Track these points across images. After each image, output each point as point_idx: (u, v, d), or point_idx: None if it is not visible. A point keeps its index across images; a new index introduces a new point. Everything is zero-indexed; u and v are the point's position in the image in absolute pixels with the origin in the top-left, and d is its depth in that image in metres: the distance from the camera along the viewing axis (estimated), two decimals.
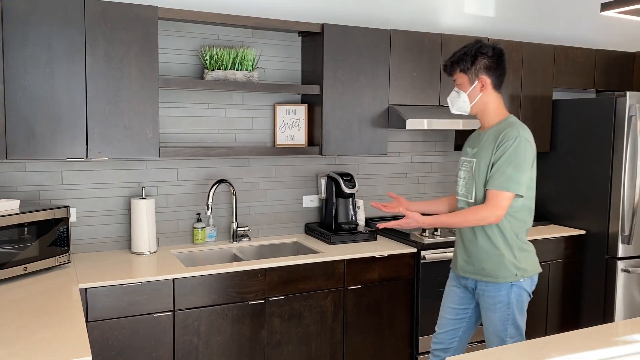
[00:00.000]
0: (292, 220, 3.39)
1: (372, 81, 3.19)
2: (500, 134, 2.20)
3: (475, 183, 2.25)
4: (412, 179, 3.78)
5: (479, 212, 2.18)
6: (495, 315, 2.26)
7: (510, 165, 2.14)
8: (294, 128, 3.23)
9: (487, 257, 2.25)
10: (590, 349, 1.65)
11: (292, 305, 2.79)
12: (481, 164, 2.24)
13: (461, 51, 2.31)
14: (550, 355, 1.60)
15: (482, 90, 2.28)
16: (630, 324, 1.89)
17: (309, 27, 3.06)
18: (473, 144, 2.37)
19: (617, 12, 2.20)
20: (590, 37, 4.30)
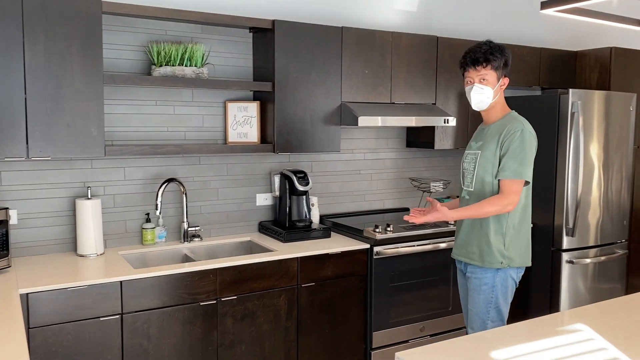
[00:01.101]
0: (245, 219, 3.35)
1: (324, 78, 3.18)
2: (505, 128, 2.38)
3: (477, 172, 2.43)
4: (366, 176, 3.80)
5: (497, 201, 2.33)
6: (479, 297, 2.41)
7: (519, 156, 2.32)
8: (246, 125, 3.19)
9: (477, 243, 2.42)
10: (535, 339, 1.69)
11: (245, 305, 2.75)
12: (485, 155, 2.40)
13: (488, 48, 2.41)
14: (497, 347, 1.64)
15: (501, 88, 2.45)
16: (573, 314, 1.96)
17: (260, 23, 3.03)
18: (477, 139, 2.53)
19: (556, 10, 2.27)
20: (536, 36, 4.43)
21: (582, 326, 1.80)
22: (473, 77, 2.44)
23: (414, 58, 3.50)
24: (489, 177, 2.40)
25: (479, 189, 2.42)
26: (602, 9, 4.53)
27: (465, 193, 2.50)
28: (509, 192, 2.32)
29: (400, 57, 3.44)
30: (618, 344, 1.66)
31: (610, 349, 1.62)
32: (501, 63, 2.42)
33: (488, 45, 2.43)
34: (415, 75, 3.51)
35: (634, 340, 1.71)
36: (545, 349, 1.62)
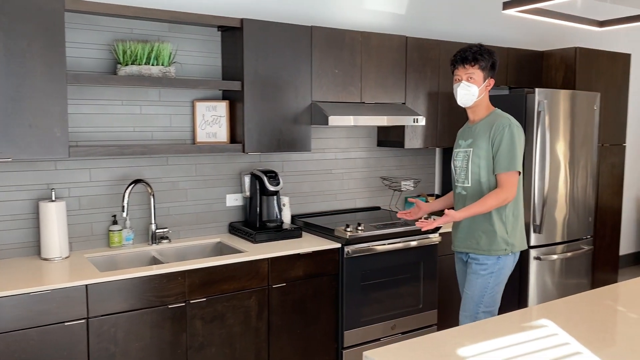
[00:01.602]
0: (215, 220, 3.31)
1: (294, 77, 3.17)
2: (492, 126, 2.56)
3: (471, 169, 2.59)
4: (337, 175, 3.80)
5: (498, 195, 2.50)
6: (478, 280, 2.60)
7: (509, 149, 2.50)
8: (215, 125, 3.15)
9: (483, 233, 2.58)
10: (501, 335, 1.71)
11: (214, 307, 2.72)
12: (478, 152, 2.57)
13: (477, 49, 2.60)
14: (464, 344, 1.65)
15: (487, 88, 2.63)
16: (538, 310, 1.99)
17: (228, 22, 3.00)
18: (465, 137, 2.70)
19: (517, 11, 2.30)
20: (503, 36, 4.50)
21: (547, 322, 1.83)
22: (461, 75, 2.61)
23: (384, 58, 3.51)
24: (483, 173, 2.57)
25: (475, 184, 2.59)
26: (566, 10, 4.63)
27: (462, 189, 2.66)
28: (507, 184, 2.50)
29: (370, 57, 3.45)
30: (581, 338, 1.69)
31: (573, 343, 1.65)
32: (488, 64, 2.59)
33: (478, 47, 2.61)
34: (385, 75, 3.52)
35: (596, 333, 1.75)
36: (510, 344, 1.64)
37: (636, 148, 5.70)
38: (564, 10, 4.60)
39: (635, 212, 5.88)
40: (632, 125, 5.49)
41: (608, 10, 5.13)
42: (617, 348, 1.64)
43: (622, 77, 4.52)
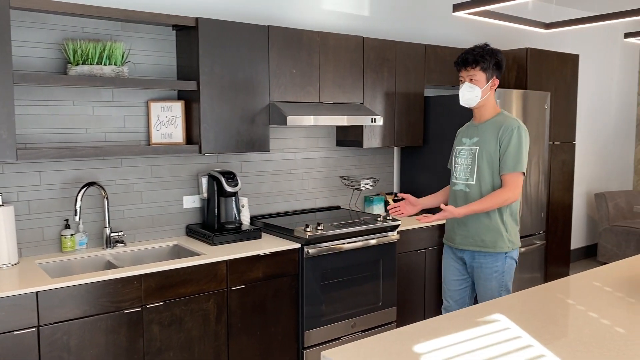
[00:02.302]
0: (172, 222, 3.26)
1: (251, 77, 3.15)
2: (501, 127, 2.61)
3: (478, 167, 2.64)
4: (297, 175, 3.80)
5: (502, 195, 2.56)
6: (492, 283, 2.66)
7: (517, 151, 2.56)
8: (171, 126, 3.10)
9: (487, 231, 2.64)
10: (456, 331, 1.74)
11: (172, 311, 2.68)
12: (485, 151, 2.62)
13: (480, 50, 2.63)
14: (420, 341, 1.67)
15: (492, 89, 2.65)
16: (492, 305, 2.03)
17: (183, 21, 2.95)
18: (470, 135, 2.74)
19: (467, 13, 2.35)
20: (458, 37, 4.59)
21: (500, 316, 1.87)
22: (464, 76, 2.68)
23: (342, 58, 3.53)
24: (489, 171, 2.63)
25: (481, 182, 2.64)
26: (518, 12, 4.76)
27: (464, 186, 2.70)
28: (512, 185, 2.57)
29: (328, 57, 3.46)
30: (531, 331, 1.74)
31: (524, 336, 1.70)
32: (490, 65, 2.62)
33: (481, 48, 2.64)
34: (342, 75, 3.54)
35: (546, 326, 1.80)
36: (464, 340, 1.68)
37: (585, 145, 5.92)
38: (515, 13, 4.73)
39: (585, 208, 6.10)
40: (581, 123, 5.70)
41: (559, 13, 5.30)
42: (566, 340, 1.69)
43: (571, 77, 4.67)
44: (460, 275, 2.81)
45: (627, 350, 1.59)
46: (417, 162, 4.20)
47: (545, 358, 1.55)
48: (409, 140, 4.01)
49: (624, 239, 5.51)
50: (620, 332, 1.72)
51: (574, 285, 2.30)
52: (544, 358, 1.55)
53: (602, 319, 1.84)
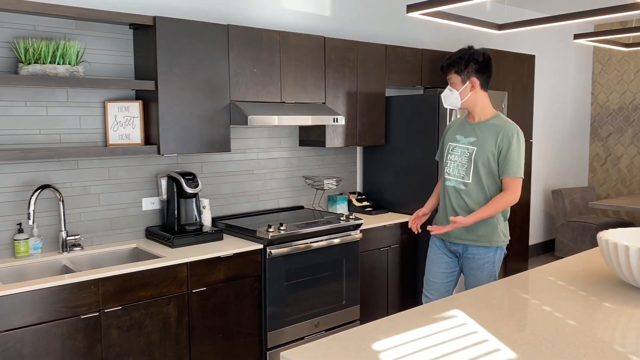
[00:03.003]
0: (130, 225, 3.19)
1: (211, 77, 3.11)
2: (500, 131, 2.67)
3: (474, 167, 2.70)
4: (259, 176, 3.78)
5: (506, 199, 2.67)
6: (483, 273, 2.76)
7: (518, 157, 2.65)
8: (128, 126, 3.04)
9: (485, 225, 2.72)
10: (415, 327, 1.77)
11: (131, 315, 2.63)
12: (482, 152, 2.68)
13: (456, 55, 2.72)
14: (379, 338, 1.69)
15: (472, 89, 2.71)
16: (450, 301, 2.06)
17: (140, 20, 2.90)
18: (465, 133, 2.78)
19: (420, 13, 2.38)
20: (418, 38, 4.65)
21: (458, 312, 1.91)
22: (447, 81, 2.79)
23: (303, 58, 3.52)
24: (485, 171, 2.69)
25: (477, 181, 2.71)
26: (477, 14, 4.85)
27: (460, 184, 2.76)
28: (514, 189, 2.66)
29: (289, 56, 3.45)
30: (488, 326, 1.77)
31: (481, 331, 1.73)
32: (463, 67, 2.69)
33: (459, 51, 2.74)
34: (304, 75, 3.54)
35: (502, 320, 1.84)
36: (422, 336, 1.70)
37: (542, 144, 6.08)
38: (473, 14, 4.82)
39: (542, 204, 6.27)
40: (538, 122, 5.85)
41: (517, 14, 5.43)
42: (520, 334, 1.73)
43: (527, 77, 4.79)
44: (449, 269, 2.86)
45: (578, 342, 1.64)
46: (380, 161, 4.24)
47: (500, 352, 1.58)
48: (371, 139, 4.04)
49: (579, 233, 5.68)
50: (571, 325, 1.78)
51: (529, 280, 2.36)
52: (498, 352, 1.58)
53: (555, 312, 1.90)
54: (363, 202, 4.19)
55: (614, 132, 6.54)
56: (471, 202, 2.73)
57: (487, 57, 2.74)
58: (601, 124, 6.64)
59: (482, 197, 2.72)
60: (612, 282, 2.22)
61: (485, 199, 2.71)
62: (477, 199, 2.72)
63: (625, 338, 1.71)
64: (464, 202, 2.74)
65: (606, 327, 1.80)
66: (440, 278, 2.87)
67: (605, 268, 2.42)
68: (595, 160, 6.74)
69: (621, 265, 2.07)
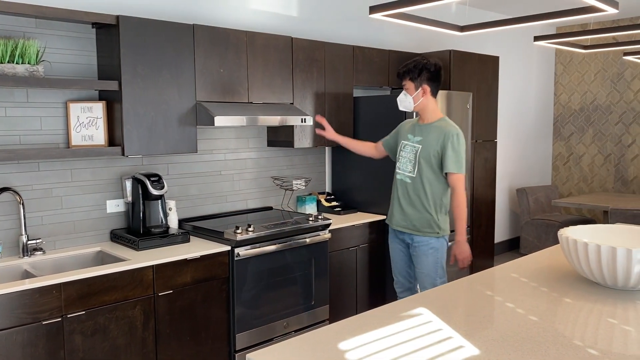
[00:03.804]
0: (95, 228, 3.13)
1: (177, 77, 3.08)
2: (443, 132, 2.97)
3: (418, 162, 3.02)
4: (227, 177, 3.75)
5: (456, 200, 2.99)
6: (428, 259, 3.06)
7: (458, 155, 2.95)
8: (92, 127, 2.98)
9: (419, 218, 3.05)
10: (381, 326, 1.78)
11: (95, 320, 2.57)
12: (427, 152, 2.99)
13: (411, 64, 3.02)
14: (345, 338, 1.69)
15: (424, 95, 3.02)
16: (416, 299, 2.09)
17: (103, 19, 2.84)
18: (415, 133, 3.09)
19: (383, 15, 2.40)
20: (385, 39, 4.69)
21: (423, 310, 1.93)
22: (402, 86, 3.09)
23: (270, 58, 3.51)
24: (427, 167, 3.00)
25: (419, 175, 3.03)
26: (443, 15, 4.92)
27: (407, 177, 3.09)
28: (459, 185, 2.98)
29: (256, 57, 3.44)
30: (452, 323, 1.80)
31: (445, 328, 1.76)
32: (416, 75, 3.01)
33: (412, 61, 3.03)
34: (272, 75, 3.53)
35: (466, 317, 1.87)
36: (388, 335, 1.71)
37: (506, 143, 6.21)
38: (440, 15, 4.88)
39: (507, 202, 6.40)
40: (502, 122, 5.97)
41: (481, 16, 5.53)
42: (484, 330, 1.77)
43: (492, 78, 4.88)
44: (404, 255, 3.20)
45: (539, 337, 1.68)
46: (349, 161, 4.26)
47: (463, 349, 1.61)
48: None
49: (543, 231, 5.82)
50: (533, 320, 1.82)
51: (493, 277, 2.41)
52: (462, 349, 1.61)
53: (518, 308, 1.94)
54: (332, 202, 4.20)
55: (575, 132, 6.73)
56: (413, 194, 3.06)
57: (438, 67, 3.03)
58: (563, 124, 6.82)
59: (422, 190, 3.03)
60: (572, 278, 2.28)
61: (424, 192, 3.03)
62: (418, 191, 3.04)
63: (584, 332, 1.76)
64: (407, 193, 3.09)
65: (567, 322, 1.85)
66: (399, 263, 3.23)
67: (566, 264, 2.48)
68: (558, 160, 6.91)
69: (581, 261, 2.12)
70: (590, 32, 3.37)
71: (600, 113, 6.50)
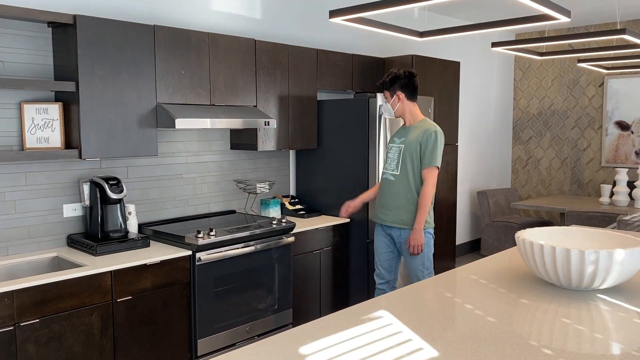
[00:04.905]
0: (51, 233, 3.04)
1: (136, 78, 3.02)
2: (422, 130, 3.23)
3: (402, 161, 3.26)
4: (189, 180, 3.70)
5: (424, 192, 3.20)
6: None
7: (433, 150, 3.18)
8: (47, 129, 2.89)
9: (405, 212, 3.26)
10: (342, 330, 1.78)
11: (50, 328, 2.49)
12: (409, 149, 3.24)
13: (386, 76, 3.32)
14: (306, 342, 1.69)
15: (400, 101, 3.29)
16: (376, 302, 2.10)
17: (59, 18, 2.76)
18: (399, 135, 3.35)
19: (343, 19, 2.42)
20: (350, 43, 4.71)
21: (384, 312, 1.94)
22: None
23: (233, 60, 3.49)
24: (410, 165, 3.24)
25: (403, 172, 3.26)
26: (406, 20, 4.98)
27: (391, 176, 3.31)
28: (429, 177, 3.21)
29: (219, 58, 3.41)
30: (412, 326, 1.81)
31: (405, 331, 1.77)
32: (388, 85, 3.30)
33: (388, 74, 3.32)
34: (235, 78, 3.50)
35: (425, 319, 1.89)
36: (349, 338, 1.72)
37: (467, 147, 6.32)
38: (403, 20, 4.94)
39: (468, 205, 6.52)
40: (463, 126, 6.09)
41: (445, 22, 5.62)
42: (443, 332, 1.79)
43: (453, 83, 4.97)
44: (388, 249, 3.39)
45: (496, 338, 1.71)
46: (313, 164, 4.26)
47: (423, 351, 1.62)
48: (304, 143, 4.05)
49: (503, 233, 5.95)
50: (491, 321, 1.85)
51: (452, 279, 2.44)
52: (421, 351, 1.62)
53: (476, 310, 1.97)
54: (296, 205, 4.19)
55: (534, 136, 6.91)
56: (396, 190, 3.28)
57: (407, 74, 3.28)
58: (522, 128, 7.00)
59: (405, 186, 3.25)
60: (529, 279, 2.34)
61: (408, 188, 3.25)
62: (401, 187, 3.26)
63: (540, 333, 1.80)
64: (392, 190, 3.30)
65: (523, 322, 1.89)
66: (383, 256, 3.41)
67: (524, 266, 2.54)
68: (517, 163, 7.08)
69: (537, 263, 2.18)
70: (545, 40, 3.47)
71: (558, 118, 6.69)
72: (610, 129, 6.30)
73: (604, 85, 6.30)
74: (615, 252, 2.01)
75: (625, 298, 2.10)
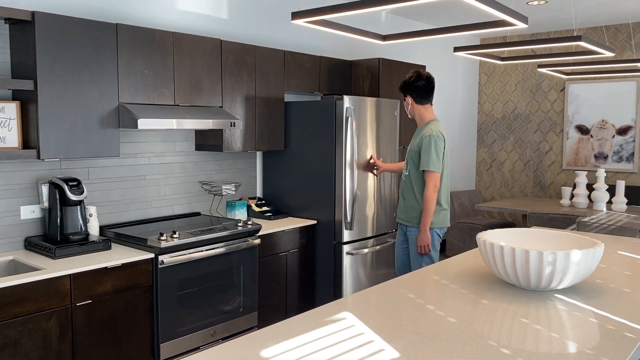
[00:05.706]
0: (7, 235, 2.95)
1: (98, 77, 2.95)
2: (421, 133, 3.40)
3: (407, 163, 3.48)
4: (152, 181, 3.64)
5: (425, 195, 3.34)
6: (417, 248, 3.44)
7: (425, 154, 3.32)
8: (4, 129, 2.80)
9: (412, 210, 3.46)
10: (304, 332, 1.78)
11: (5, 333, 2.41)
12: (411, 152, 3.45)
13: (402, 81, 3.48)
14: (268, 345, 1.68)
15: (412, 104, 3.48)
16: (340, 304, 2.10)
17: (16, 14, 2.68)
18: (413, 137, 3.50)
19: (305, 21, 2.42)
20: (318, 45, 4.72)
21: (347, 314, 1.95)
22: None
23: (198, 60, 3.45)
24: (412, 167, 3.44)
25: (410, 173, 3.47)
26: (373, 23, 5.01)
27: (403, 176, 3.55)
28: (430, 181, 3.33)
29: (183, 58, 3.36)
30: (374, 327, 1.82)
31: (367, 332, 1.78)
32: (400, 90, 3.51)
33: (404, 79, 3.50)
34: (200, 78, 3.46)
35: (387, 321, 1.90)
36: (311, 340, 1.71)
37: None
38: (369, 23, 4.98)
39: None
40: None
41: (411, 25, 5.68)
42: (405, 333, 1.80)
43: None
44: (403, 245, 3.59)
45: (457, 338, 1.73)
46: (280, 165, 4.25)
47: (384, 352, 1.63)
48: (271, 144, 4.04)
49: (467, 234, 6.04)
50: (452, 322, 1.87)
51: (415, 280, 2.46)
52: (383, 352, 1.63)
53: (437, 310, 1.99)
54: (263, 207, 4.17)
55: (497, 139, 7.05)
56: (407, 189, 3.50)
57: (411, 79, 3.43)
58: (487, 131, 7.13)
59: (412, 186, 3.45)
60: (491, 280, 2.38)
61: (410, 187, 3.46)
62: (409, 187, 3.47)
63: (500, 332, 1.83)
64: (403, 189, 3.54)
65: (484, 322, 1.92)
66: (398, 252, 3.62)
67: (485, 267, 2.58)
68: (481, 165, 7.21)
69: (497, 263, 2.22)
70: (507, 45, 3.54)
71: (521, 121, 6.84)
72: (571, 133, 6.48)
73: (565, 90, 6.48)
74: (572, 253, 2.07)
75: (581, 298, 2.15)
